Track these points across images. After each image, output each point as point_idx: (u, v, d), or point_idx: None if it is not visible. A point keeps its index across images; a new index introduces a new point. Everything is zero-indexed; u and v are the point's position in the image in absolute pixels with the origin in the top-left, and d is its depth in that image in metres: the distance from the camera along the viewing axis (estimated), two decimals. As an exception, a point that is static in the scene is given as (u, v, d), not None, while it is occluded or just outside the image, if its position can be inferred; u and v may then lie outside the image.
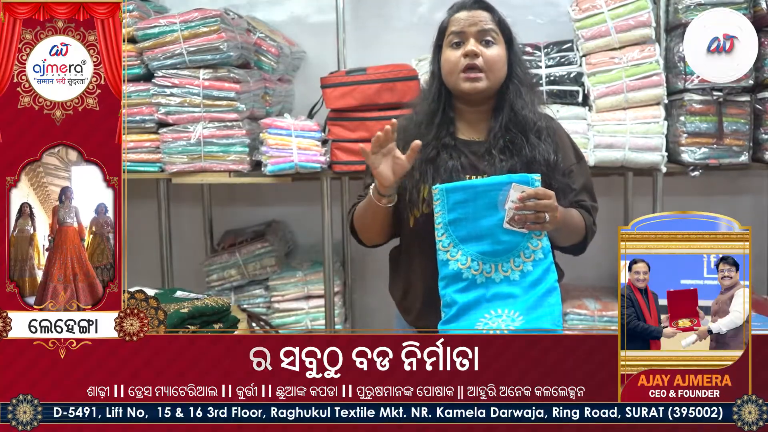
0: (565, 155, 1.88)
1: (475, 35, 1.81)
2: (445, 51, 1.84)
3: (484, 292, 1.72)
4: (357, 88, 2.88)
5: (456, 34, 1.82)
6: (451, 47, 1.83)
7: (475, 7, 1.84)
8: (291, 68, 3.44)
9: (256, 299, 3.31)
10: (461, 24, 1.82)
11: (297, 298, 3.25)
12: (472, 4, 1.84)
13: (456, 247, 1.72)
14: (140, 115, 2.92)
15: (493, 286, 1.72)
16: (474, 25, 1.81)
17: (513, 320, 1.69)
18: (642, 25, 2.87)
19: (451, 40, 1.83)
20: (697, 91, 2.87)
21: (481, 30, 1.81)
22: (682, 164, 2.92)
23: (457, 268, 1.72)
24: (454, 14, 1.85)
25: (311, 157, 2.89)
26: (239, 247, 3.35)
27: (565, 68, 2.93)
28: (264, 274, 3.30)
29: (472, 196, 1.72)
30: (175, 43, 2.83)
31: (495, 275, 1.72)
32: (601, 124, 2.88)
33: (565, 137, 1.94)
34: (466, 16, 1.83)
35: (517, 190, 1.69)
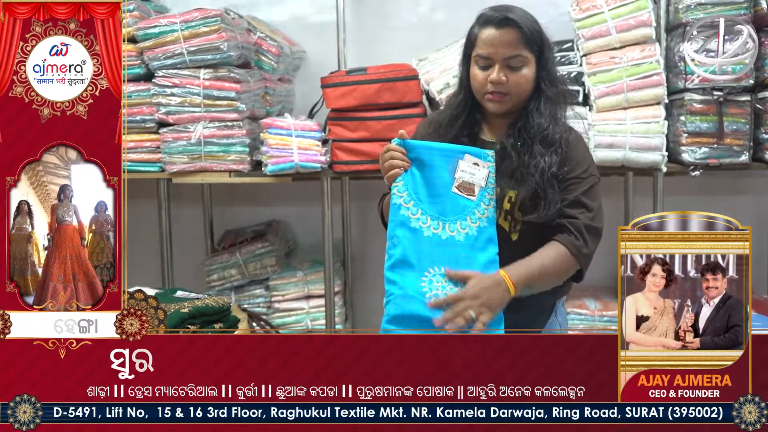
0: (574, 167, 1.82)
1: (500, 61, 1.79)
2: (472, 67, 1.84)
3: (429, 246, 1.73)
4: (357, 87, 2.88)
5: (482, 58, 1.81)
6: (479, 67, 1.82)
7: (503, 24, 1.79)
8: (291, 68, 3.44)
9: (257, 299, 3.31)
10: (488, 48, 1.79)
11: (297, 297, 3.25)
12: (501, 21, 1.79)
13: (410, 197, 1.76)
14: (140, 115, 2.92)
15: (439, 241, 1.73)
16: (500, 50, 1.78)
17: (456, 284, 1.70)
18: (642, 25, 2.87)
19: (478, 61, 1.82)
20: (698, 91, 2.87)
21: (507, 57, 1.79)
22: (682, 164, 2.92)
23: (407, 216, 1.74)
24: (483, 29, 1.81)
25: (311, 156, 2.90)
26: (239, 246, 3.35)
27: (565, 68, 2.93)
28: (264, 273, 3.30)
29: (428, 156, 1.77)
30: (176, 42, 2.83)
31: (442, 232, 1.74)
32: (602, 124, 2.88)
33: (580, 151, 1.87)
34: (493, 38, 1.79)
35: (468, 161, 1.75)
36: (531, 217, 1.78)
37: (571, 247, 1.77)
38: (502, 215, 1.80)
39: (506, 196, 1.79)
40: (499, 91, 1.80)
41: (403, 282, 1.71)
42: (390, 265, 1.73)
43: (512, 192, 1.79)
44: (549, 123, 1.82)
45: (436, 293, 1.68)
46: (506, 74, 1.79)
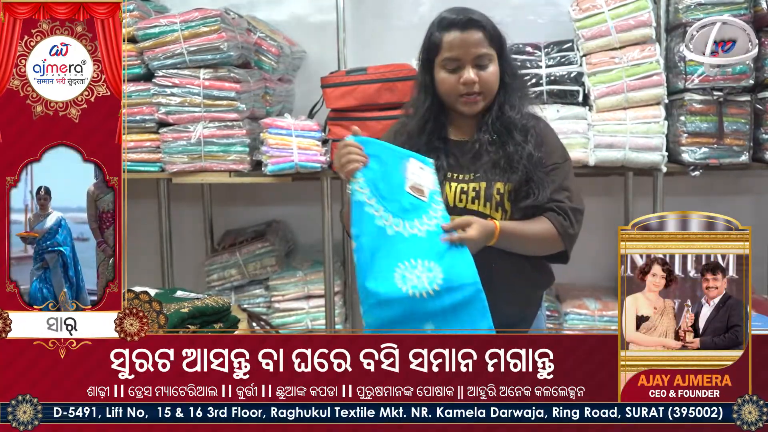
0: (550, 153, 1.88)
1: (471, 62, 1.82)
2: (439, 72, 1.85)
3: (394, 244, 1.71)
4: (357, 88, 2.88)
5: (451, 60, 1.82)
6: (447, 71, 1.84)
7: (468, 26, 1.82)
8: (291, 68, 3.44)
9: (257, 299, 3.31)
10: (456, 50, 1.82)
11: (297, 297, 3.25)
12: (466, 22, 1.82)
13: (372, 194, 1.73)
14: (140, 115, 2.92)
15: (402, 239, 1.71)
16: (469, 51, 1.81)
17: (430, 270, 1.67)
18: (642, 25, 2.87)
19: (446, 65, 1.83)
20: (698, 91, 2.87)
21: (477, 56, 1.82)
22: (682, 164, 2.92)
23: (372, 214, 1.72)
24: (446, 33, 1.83)
25: (311, 156, 2.89)
26: (239, 246, 3.35)
27: (565, 68, 2.93)
28: (264, 273, 3.30)
29: (383, 154, 1.76)
30: (176, 42, 2.83)
31: (403, 230, 1.72)
32: (602, 124, 2.88)
33: (551, 137, 1.95)
34: (460, 41, 1.81)
35: (414, 164, 1.76)
36: (527, 203, 1.81)
37: (558, 226, 1.82)
38: (493, 207, 1.82)
39: (494, 188, 1.82)
40: (473, 92, 1.82)
41: (376, 287, 1.67)
42: (361, 270, 1.70)
43: (500, 183, 1.82)
44: (520, 114, 1.87)
45: (414, 284, 1.65)
46: (476, 73, 1.82)
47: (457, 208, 1.82)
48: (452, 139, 1.90)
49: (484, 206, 1.82)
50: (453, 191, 1.83)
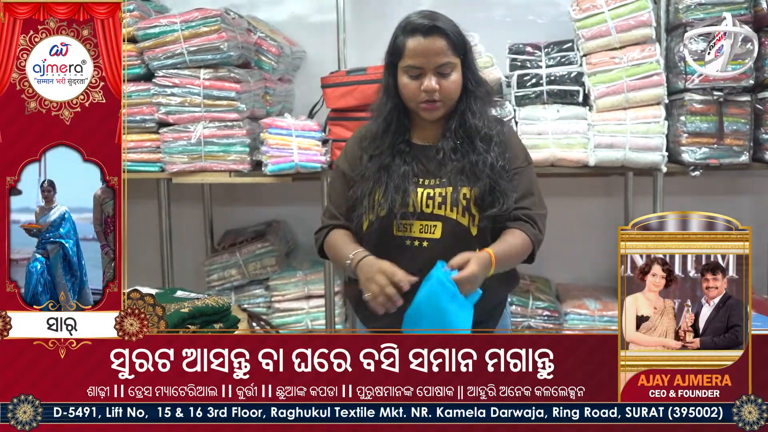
0: (513, 158, 1.90)
1: (432, 70, 1.82)
2: (402, 76, 1.85)
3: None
4: (357, 87, 2.88)
5: (413, 68, 1.83)
6: (409, 77, 1.84)
7: (431, 33, 1.81)
8: (291, 68, 3.44)
9: (257, 299, 3.31)
10: (418, 58, 1.81)
11: (297, 297, 3.25)
12: (428, 29, 1.81)
13: None
14: (141, 115, 2.92)
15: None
16: (431, 59, 1.81)
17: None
18: (642, 25, 2.87)
19: (408, 71, 1.84)
20: (698, 91, 2.87)
21: (438, 65, 1.82)
22: (682, 164, 2.92)
23: None
24: (410, 38, 1.82)
25: (311, 156, 2.90)
26: (239, 246, 3.35)
27: (565, 68, 2.93)
28: (264, 273, 3.30)
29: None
30: (176, 42, 2.83)
31: None
32: (602, 124, 2.88)
33: (514, 141, 1.96)
34: (423, 48, 1.81)
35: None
36: (492, 212, 1.82)
37: (531, 235, 1.85)
38: (460, 212, 1.83)
39: (460, 193, 1.82)
40: (433, 99, 1.83)
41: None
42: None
43: (465, 189, 1.83)
44: (483, 121, 1.87)
45: None
46: (438, 81, 1.82)
47: (425, 213, 1.83)
48: (416, 143, 1.91)
49: (450, 211, 1.83)
50: (420, 196, 1.84)
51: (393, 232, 1.84)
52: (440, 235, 1.83)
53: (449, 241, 1.82)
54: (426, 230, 1.84)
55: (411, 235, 1.84)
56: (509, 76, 2.97)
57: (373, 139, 1.91)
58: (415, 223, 1.83)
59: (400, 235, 1.84)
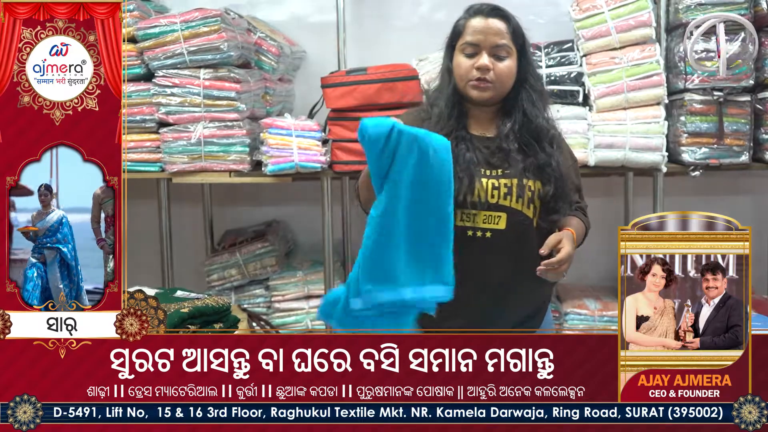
0: (566, 157, 1.94)
1: (488, 49, 1.82)
2: (457, 56, 1.86)
3: None
4: (357, 87, 2.88)
5: (470, 45, 1.84)
6: (465, 55, 1.85)
7: (492, 14, 1.84)
8: (291, 68, 3.43)
9: (257, 299, 3.31)
10: (476, 35, 1.83)
11: (297, 297, 3.25)
12: (490, 11, 1.85)
13: None
14: (140, 115, 2.92)
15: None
16: (488, 38, 1.82)
17: None
18: (642, 25, 2.87)
19: (465, 49, 1.85)
20: (698, 91, 2.86)
21: (495, 45, 1.82)
22: (682, 164, 2.92)
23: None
24: (471, 19, 1.86)
25: (311, 156, 2.89)
26: (239, 246, 3.34)
27: (565, 68, 2.93)
28: (264, 273, 3.30)
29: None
30: (176, 42, 2.83)
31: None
32: (602, 124, 2.88)
33: (564, 142, 1.99)
34: (482, 27, 1.83)
35: None
36: (556, 217, 1.85)
37: (587, 224, 1.98)
38: (525, 203, 1.83)
39: (525, 185, 1.82)
40: (484, 78, 1.82)
41: None
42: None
43: (530, 181, 1.83)
44: (546, 121, 1.89)
45: None
46: (492, 63, 1.82)
47: (490, 203, 1.82)
48: (473, 134, 1.89)
49: (516, 202, 1.82)
50: (485, 186, 1.82)
51: (456, 221, 1.79)
52: (505, 226, 1.81)
53: (513, 232, 1.81)
54: (490, 221, 1.82)
55: (475, 225, 1.81)
56: (509, 76, 2.97)
57: (435, 123, 1.86)
58: (479, 213, 1.81)
59: (463, 225, 1.81)
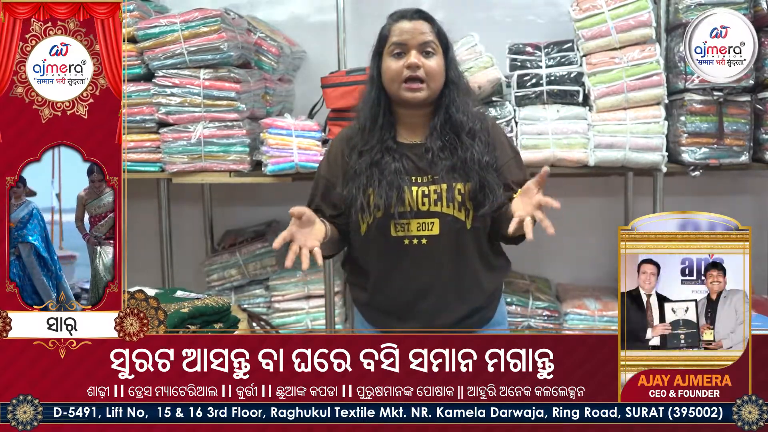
0: (501, 152, 1.92)
1: (416, 47, 1.84)
2: (386, 59, 1.87)
3: None
4: (357, 88, 2.86)
5: (398, 45, 1.85)
6: (393, 57, 1.86)
7: (416, 17, 1.87)
8: (291, 68, 3.44)
9: (257, 299, 3.31)
10: (403, 35, 1.85)
11: (297, 297, 3.25)
12: (414, 14, 1.87)
13: None
14: (140, 115, 2.92)
15: None
16: (415, 36, 1.84)
17: None
18: (642, 25, 2.87)
19: (393, 50, 1.86)
20: (698, 91, 2.86)
21: (422, 42, 1.84)
22: (682, 164, 2.91)
23: None
24: (396, 23, 1.88)
25: (312, 156, 2.89)
26: (239, 246, 3.35)
27: (565, 68, 2.93)
28: (264, 273, 3.30)
29: None
30: (176, 42, 2.83)
31: None
32: (602, 124, 2.88)
33: (500, 134, 1.98)
34: (408, 28, 1.85)
35: None
36: (484, 211, 1.83)
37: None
38: (456, 207, 1.84)
39: (455, 189, 1.83)
40: (417, 77, 1.83)
41: None
42: None
43: (459, 184, 1.84)
44: (467, 116, 1.89)
45: None
46: (421, 61, 1.84)
47: (421, 211, 1.84)
48: (402, 142, 1.90)
49: (447, 207, 1.84)
50: (415, 195, 1.84)
51: (391, 232, 1.85)
52: (438, 231, 1.84)
53: (448, 237, 1.83)
54: (424, 228, 1.84)
55: (409, 234, 1.84)
56: (509, 76, 2.97)
57: (361, 135, 1.90)
58: (412, 221, 1.84)
59: (398, 235, 1.85)
